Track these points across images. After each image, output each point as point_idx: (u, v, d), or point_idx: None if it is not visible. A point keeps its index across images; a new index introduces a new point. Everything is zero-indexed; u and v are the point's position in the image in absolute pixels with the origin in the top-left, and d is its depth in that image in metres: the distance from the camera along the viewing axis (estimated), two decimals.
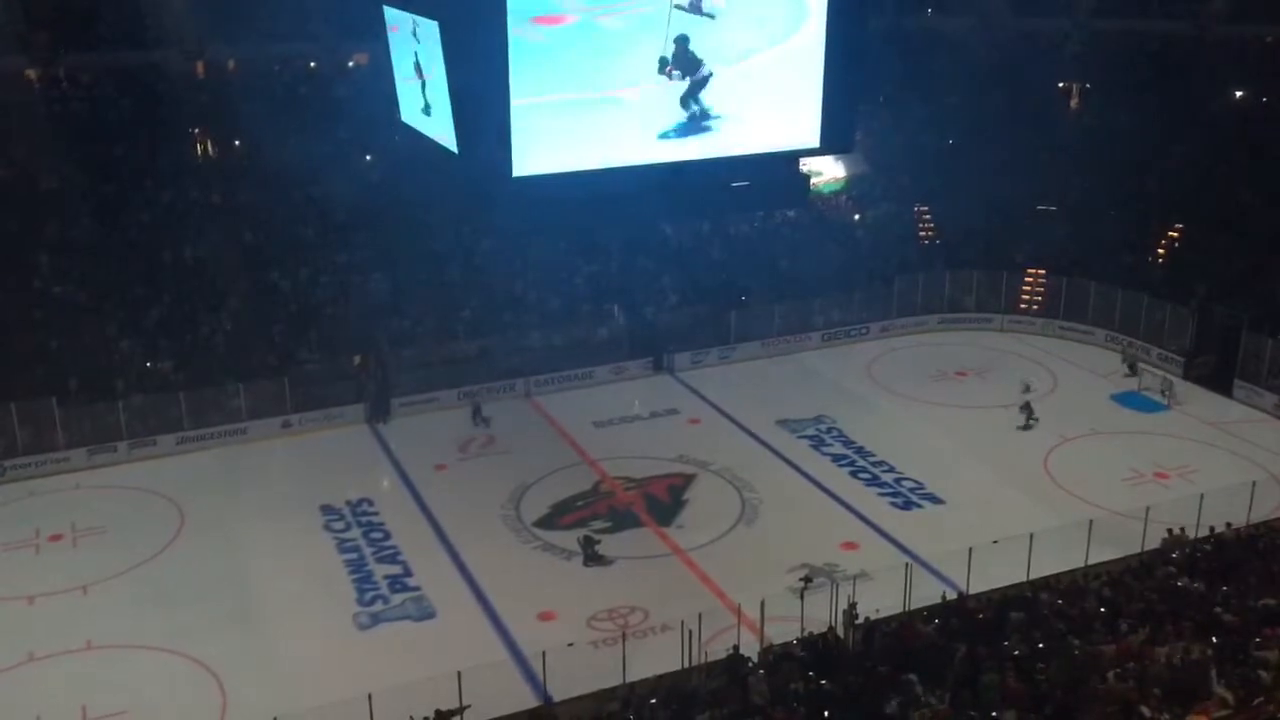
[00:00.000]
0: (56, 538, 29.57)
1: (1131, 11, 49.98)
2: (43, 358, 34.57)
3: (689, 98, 20.53)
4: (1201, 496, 26.50)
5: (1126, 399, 37.16)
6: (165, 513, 30.76)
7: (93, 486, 32.46)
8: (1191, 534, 25.16)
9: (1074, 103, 51.71)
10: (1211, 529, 25.13)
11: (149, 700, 22.84)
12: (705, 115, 20.74)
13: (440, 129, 21.60)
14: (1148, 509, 26.39)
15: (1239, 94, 48.14)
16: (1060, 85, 51.94)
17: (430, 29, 20.50)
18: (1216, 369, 37.65)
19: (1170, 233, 43.56)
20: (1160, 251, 43.39)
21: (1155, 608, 21.21)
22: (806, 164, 45.08)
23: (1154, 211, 44.23)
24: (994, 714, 17.92)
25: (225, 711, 22.59)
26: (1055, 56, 52.14)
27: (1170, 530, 25.30)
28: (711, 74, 20.48)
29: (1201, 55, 49.26)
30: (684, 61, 20.19)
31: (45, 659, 24.40)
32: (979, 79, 50.14)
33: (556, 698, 21.65)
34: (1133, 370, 38.67)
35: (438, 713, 19.63)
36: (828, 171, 47.39)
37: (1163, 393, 36.71)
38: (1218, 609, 20.75)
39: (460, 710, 19.89)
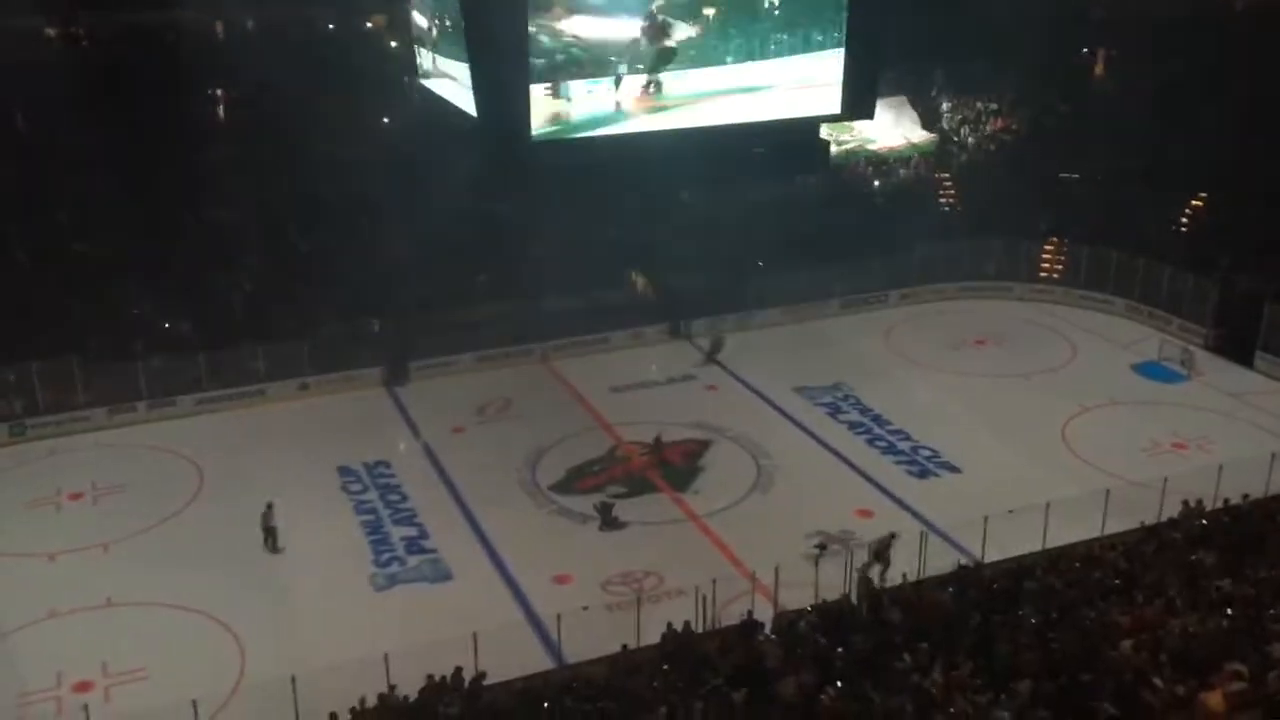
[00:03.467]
0: (77, 496, 29.87)
1: None
2: (63, 317, 34.75)
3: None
4: (1220, 468, 26.40)
5: (1147, 369, 36.95)
6: (184, 472, 31.01)
7: (113, 445, 32.73)
8: (1209, 505, 25.06)
9: (1099, 69, 51.07)
10: (1226, 501, 25.02)
11: (168, 657, 23.09)
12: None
13: (459, 92, 21.53)
14: (1165, 479, 26.28)
15: (1268, 62, 47.35)
16: (1085, 50, 51.28)
17: None
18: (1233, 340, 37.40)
19: (1195, 202, 43.12)
20: (1184, 221, 42.97)
21: (1170, 579, 21.17)
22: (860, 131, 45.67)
23: (1178, 180, 43.75)
24: (1008, 683, 17.95)
25: (243, 669, 22.81)
26: (1081, 21, 51.52)
27: (1187, 501, 25.20)
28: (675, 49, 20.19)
29: (1230, 21, 48.60)
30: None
31: (66, 615, 24.71)
32: (1003, 44, 49.56)
33: (571, 660, 21.82)
34: (714, 352, 38.29)
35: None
36: (883, 139, 47.27)
37: (1183, 363, 36.48)
38: (1233, 581, 20.69)
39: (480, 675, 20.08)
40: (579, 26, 18.76)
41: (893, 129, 48.00)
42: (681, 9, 19.96)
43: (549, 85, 19.14)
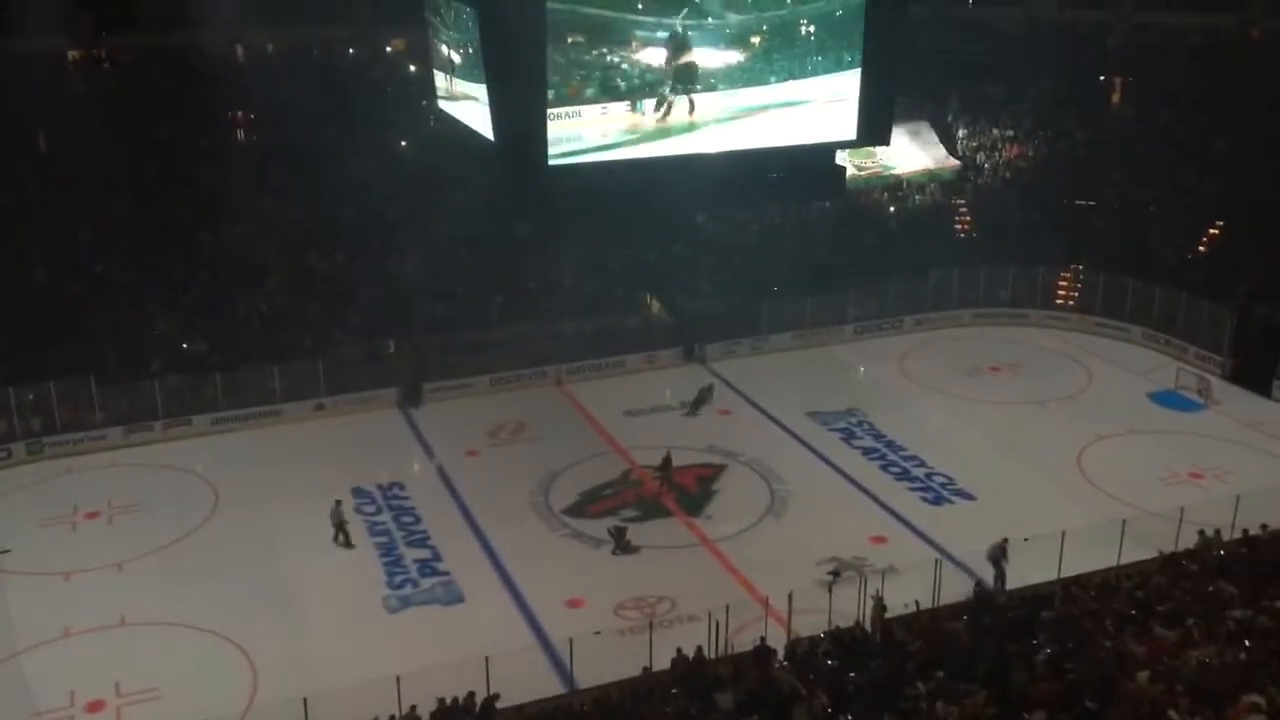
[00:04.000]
0: (93, 515, 29.98)
1: (1176, 4, 49.37)
2: (81, 336, 34.98)
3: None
4: (1237, 498, 26.22)
5: (1163, 398, 36.77)
6: (200, 492, 31.11)
7: (129, 465, 32.86)
8: (1226, 535, 24.89)
9: (1115, 96, 51.14)
10: (1245, 531, 24.85)
11: (181, 677, 23.12)
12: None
13: (477, 117, 21.64)
14: (1182, 509, 26.10)
15: None
16: (1102, 78, 51.39)
17: (469, 16, 20.53)
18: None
19: (1211, 230, 43.03)
20: (1200, 249, 42.86)
21: (1188, 609, 21.01)
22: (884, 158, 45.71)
23: (1195, 208, 43.70)
24: (1024, 714, 17.83)
25: (255, 690, 22.82)
26: (1098, 49, 51.66)
27: (1203, 531, 25.03)
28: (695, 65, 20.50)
29: (1246, 49, 48.65)
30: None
31: (80, 634, 24.77)
32: (1020, 71, 49.74)
33: (582, 684, 21.74)
34: (699, 405, 36.01)
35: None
36: (907, 165, 47.28)
37: (1199, 392, 36.30)
38: (1251, 611, 20.53)
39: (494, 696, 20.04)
40: (651, 56, 20.16)
41: (918, 155, 48.06)
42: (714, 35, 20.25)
43: (629, 103, 20.27)
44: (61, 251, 37.47)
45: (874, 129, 22.46)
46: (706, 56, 20.48)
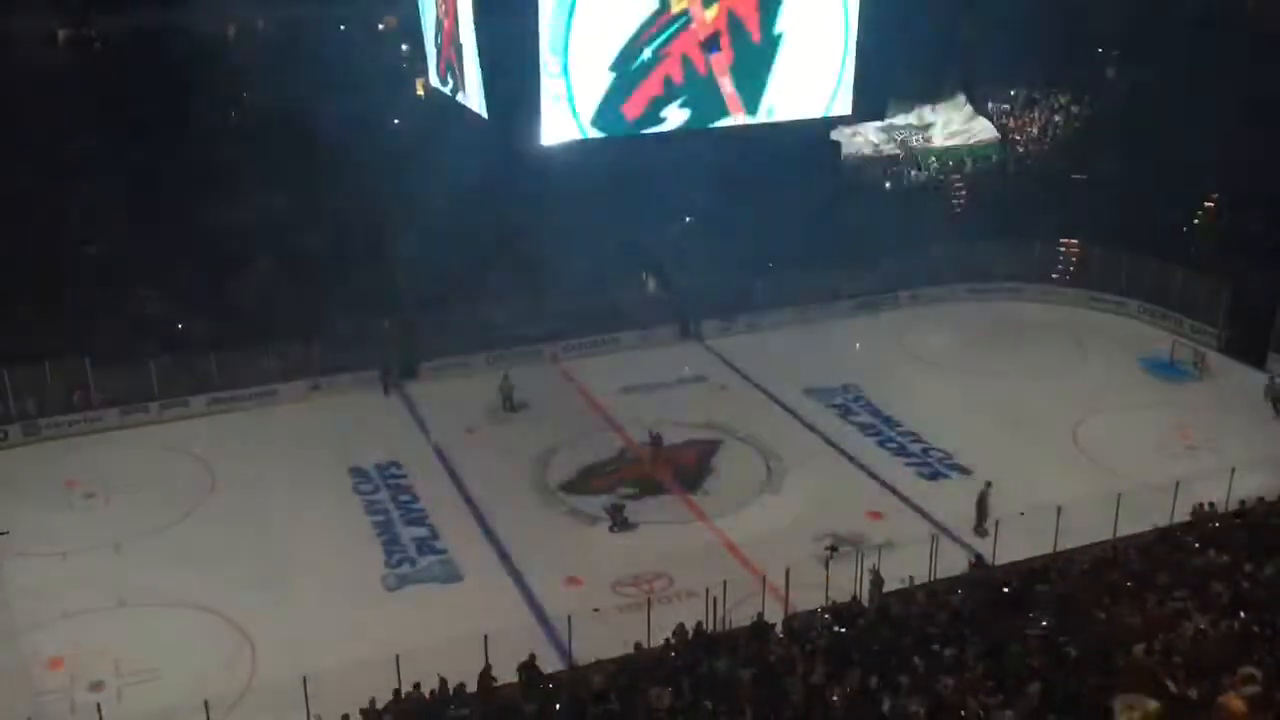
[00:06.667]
0: (90, 496, 29.97)
1: None
2: (76, 318, 34.85)
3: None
4: (1232, 470, 26.29)
5: (1159, 370, 36.82)
6: (196, 473, 31.10)
7: (126, 446, 32.83)
8: (1221, 507, 24.96)
9: (1111, 70, 50.93)
10: (1242, 502, 24.93)
11: (180, 657, 23.19)
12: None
13: (471, 95, 21.58)
14: (1177, 482, 26.15)
15: None
16: (1099, 51, 51.15)
17: None
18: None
19: (1207, 203, 42.95)
20: (1196, 222, 42.78)
21: (1183, 581, 21.10)
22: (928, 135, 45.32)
23: (1191, 181, 43.59)
24: (1018, 686, 17.90)
25: (254, 669, 22.89)
26: (1093, 22, 51.37)
27: (1200, 504, 25.09)
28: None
29: (1242, 22, 48.42)
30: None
31: (78, 615, 24.79)
32: (1016, 46, 49.47)
33: (581, 662, 21.81)
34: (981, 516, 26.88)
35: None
36: (942, 139, 47.33)
37: (1195, 365, 36.34)
38: (1246, 584, 20.62)
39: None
40: None
41: (954, 129, 47.95)
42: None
43: None
44: (53, 232, 37.28)
45: (868, 103, 22.44)
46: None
